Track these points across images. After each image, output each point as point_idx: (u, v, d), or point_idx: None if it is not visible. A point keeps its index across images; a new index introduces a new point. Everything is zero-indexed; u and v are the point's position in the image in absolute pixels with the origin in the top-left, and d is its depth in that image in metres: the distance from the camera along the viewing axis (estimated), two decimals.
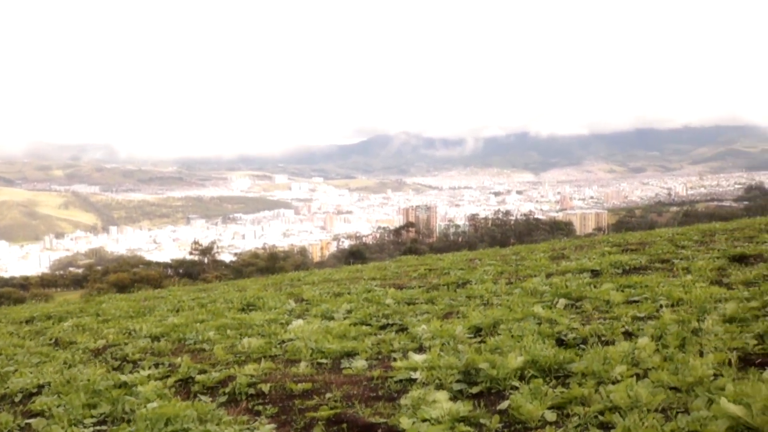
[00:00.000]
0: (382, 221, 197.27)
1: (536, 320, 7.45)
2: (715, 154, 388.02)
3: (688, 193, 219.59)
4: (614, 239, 17.67)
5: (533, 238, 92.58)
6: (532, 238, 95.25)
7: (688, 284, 8.74)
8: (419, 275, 14.40)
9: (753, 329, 5.99)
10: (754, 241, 12.87)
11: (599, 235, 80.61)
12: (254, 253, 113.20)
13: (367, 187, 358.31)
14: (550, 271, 11.76)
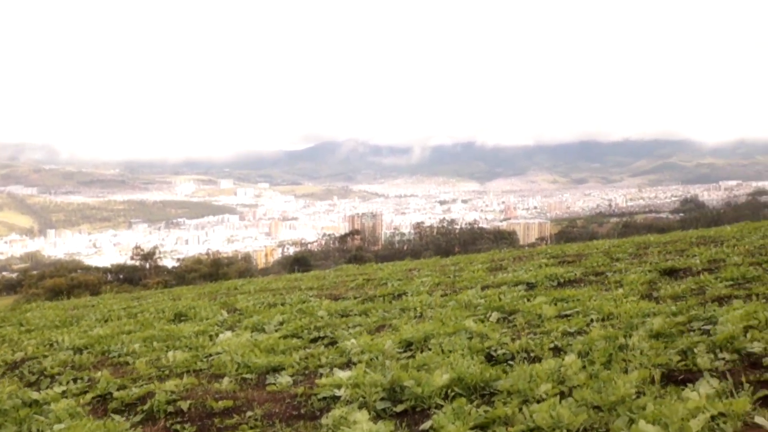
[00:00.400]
0: (328, 228, 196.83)
1: (468, 335, 7.38)
2: (653, 167, 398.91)
3: (628, 204, 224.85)
4: (552, 251, 17.85)
5: (477, 247, 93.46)
6: (476, 247, 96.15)
7: (619, 298, 8.81)
8: (357, 285, 14.26)
9: (678, 345, 6.01)
10: (684, 254, 13.11)
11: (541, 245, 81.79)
12: (197, 259, 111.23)
13: (314, 193, 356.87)
14: (487, 283, 11.75)
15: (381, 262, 40.73)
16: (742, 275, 9.65)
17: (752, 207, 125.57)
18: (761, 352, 5.77)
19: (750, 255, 11.89)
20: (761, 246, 12.98)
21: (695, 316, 7.15)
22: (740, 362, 5.65)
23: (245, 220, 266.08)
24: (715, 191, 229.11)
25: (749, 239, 14.41)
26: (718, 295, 8.51)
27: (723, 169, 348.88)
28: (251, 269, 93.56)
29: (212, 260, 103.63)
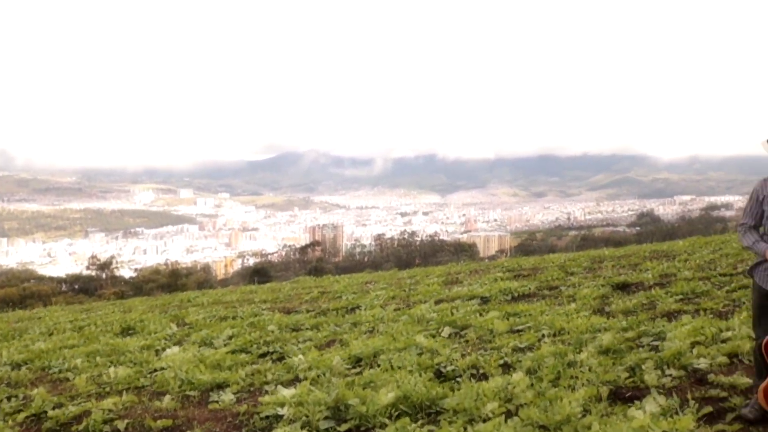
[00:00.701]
0: (289, 239, 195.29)
1: (418, 350, 7.27)
2: (611, 182, 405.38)
3: (586, 218, 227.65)
4: (509, 264, 17.88)
5: (438, 259, 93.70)
6: (436, 259, 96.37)
7: (571, 313, 8.80)
8: (311, 298, 14.08)
9: (626, 361, 5.99)
10: (637, 268, 13.22)
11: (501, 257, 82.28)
12: (156, 269, 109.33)
13: (275, 204, 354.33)
14: (441, 297, 11.68)
15: (341, 273, 40.48)
16: (691, 290, 9.74)
17: (705, 221, 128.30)
18: (707, 368, 5.77)
19: (700, 269, 12.03)
20: (711, 260, 13.16)
21: (645, 331, 7.16)
22: (687, 379, 5.64)
23: (205, 230, 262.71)
24: (670, 206, 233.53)
25: (700, 254, 14.61)
26: (668, 310, 8.55)
27: (678, 185, 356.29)
28: (210, 280, 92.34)
29: (171, 271, 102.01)
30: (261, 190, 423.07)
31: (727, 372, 5.67)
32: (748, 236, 4.78)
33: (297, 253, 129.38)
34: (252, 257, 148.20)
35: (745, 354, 5.99)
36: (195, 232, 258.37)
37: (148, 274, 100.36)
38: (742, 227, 4.85)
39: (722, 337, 6.50)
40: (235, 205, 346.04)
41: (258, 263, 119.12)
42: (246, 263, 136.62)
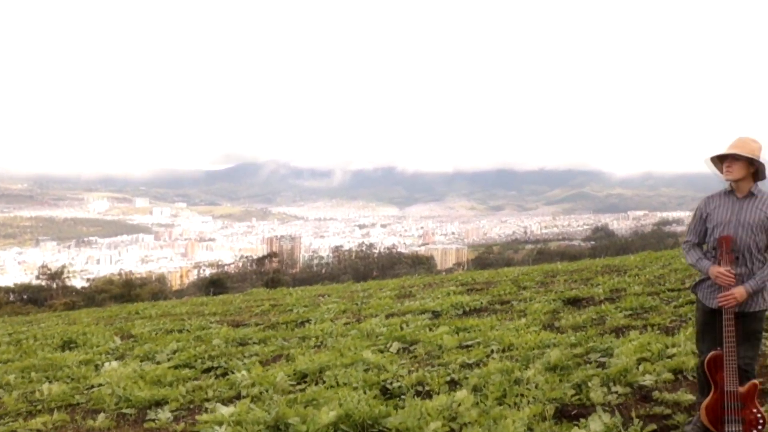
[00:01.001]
0: (246, 250, 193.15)
1: (365, 366, 7.13)
2: (567, 196, 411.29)
3: (543, 231, 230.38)
4: (463, 278, 17.86)
5: (395, 271, 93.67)
6: (394, 271, 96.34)
7: (521, 328, 8.76)
8: (262, 311, 13.82)
9: (573, 378, 5.93)
10: (589, 283, 13.29)
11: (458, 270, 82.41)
12: (109, 279, 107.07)
13: (232, 214, 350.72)
14: (393, 311, 11.55)
15: (298, 285, 40.12)
16: (640, 305, 9.79)
17: (657, 236, 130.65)
18: (652, 385, 5.74)
19: (649, 284, 12.14)
20: (660, 275, 13.30)
21: (593, 347, 7.13)
22: (632, 395, 5.60)
23: (161, 240, 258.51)
24: (623, 221, 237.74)
25: (650, 269, 14.77)
26: (616, 326, 8.56)
27: (631, 200, 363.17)
28: (165, 291, 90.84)
29: (124, 281, 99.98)
30: (219, 201, 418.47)
31: (671, 389, 5.66)
32: (692, 254, 4.76)
33: (254, 265, 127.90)
34: (208, 268, 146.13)
35: (689, 370, 5.99)
36: (150, 242, 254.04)
37: (101, 284, 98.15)
38: (687, 244, 4.84)
39: (668, 353, 6.50)
40: (192, 215, 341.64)
41: (214, 274, 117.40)
42: (202, 274, 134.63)
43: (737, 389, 4.44)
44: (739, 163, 4.53)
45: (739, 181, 4.58)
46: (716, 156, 4.63)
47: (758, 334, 4.63)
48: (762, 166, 4.54)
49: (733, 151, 4.52)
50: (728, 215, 4.59)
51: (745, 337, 4.54)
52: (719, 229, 4.58)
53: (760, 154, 4.55)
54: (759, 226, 4.50)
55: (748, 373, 4.56)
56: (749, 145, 4.53)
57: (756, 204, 4.55)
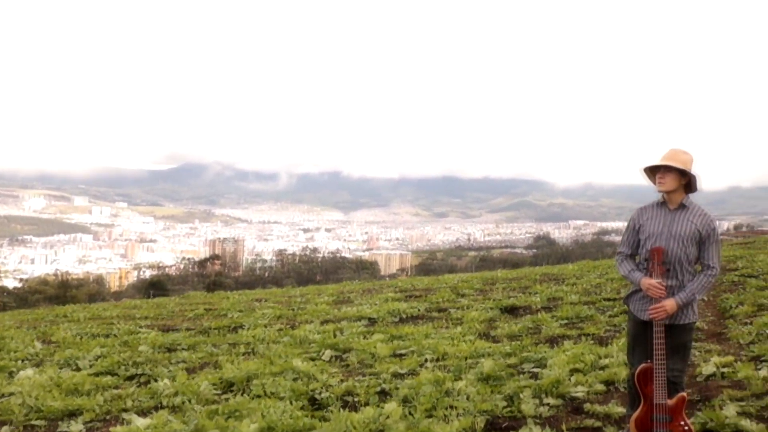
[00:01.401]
0: (188, 252, 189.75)
1: (294, 375, 6.90)
2: (510, 205, 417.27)
3: (486, 239, 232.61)
4: (403, 284, 17.75)
5: (339, 276, 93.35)
6: (338, 276, 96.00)
7: (456, 337, 8.65)
8: (195, 316, 13.41)
9: (506, 389, 5.82)
10: (527, 291, 13.31)
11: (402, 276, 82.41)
12: (43, 280, 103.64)
13: (174, 215, 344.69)
14: (329, 318, 11.33)
15: (241, 288, 39.45)
16: (576, 314, 9.81)
17: (596, 245, 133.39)
18: (584, 397, 5.67)
19: (586, 294, 12.21)
20: (597, 285, 13.41)
21: (527, 357, 7.05)
22: (564, 408, 5.51)
23: (100, 240, 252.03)
24: (565, 230, 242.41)
25: (587, 278, 14.90)
26: (552, 335, 8.53)
27: (572, 209, 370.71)
28: (103, 292, 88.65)
29: (60, 281, 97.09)
30: (161, 201, 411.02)
31: (603, 400, 5.59)
32: (624, 265, 4.69)
33: (196, 267, 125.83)
34: (149, 270, 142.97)
35: (621, 381, 5.94)
36: (89, 242, 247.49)
37: (35, 284, 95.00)
38: (620, 256, 4.77)
39: (601, 364, 6.46)
40: (133, 215, 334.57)
41: (154, 276, 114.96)
42: (142, 276, 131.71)
43: (666, 402, 4.39)
44: (671, 174, 4.48)
45: (671, 192, 4.53)
46: (649, 167, 4.59)
47: (687, 346, 4.58)
48: (694, 177, 4.51)
49: (665, 162, 4.47)
50: (660, 227, 4.53)
51: (674, 350, 4.49)
52: (651, 240, 4.52)
53: (692, 166, 4.52)
54: (690, 239, 4.45)
55: (677, 386, 4.51)
56: (681, 156, 4.49)
57: (687, 216, 4.51)
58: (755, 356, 6.77)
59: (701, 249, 4.51)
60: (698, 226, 4.47)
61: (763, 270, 13.59)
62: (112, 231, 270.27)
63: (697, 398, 5.61)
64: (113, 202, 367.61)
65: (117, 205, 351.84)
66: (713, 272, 4.48)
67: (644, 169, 4.64)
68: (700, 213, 4.52)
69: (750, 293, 10.76)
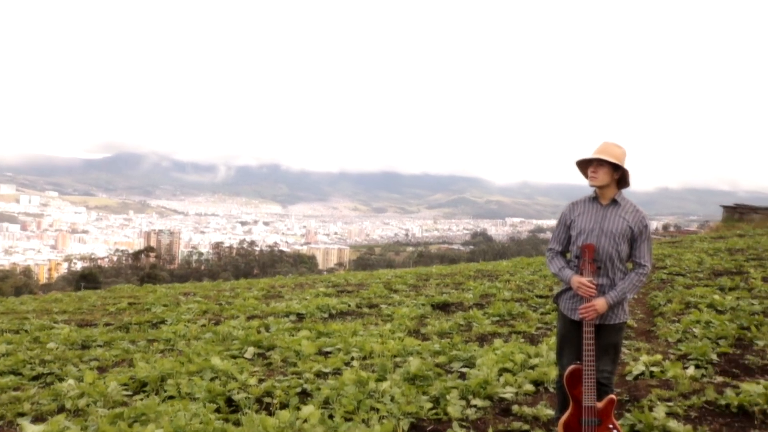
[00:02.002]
0: (122, 244, 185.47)
1: (213, 374, 6.52)
2: (448, 201, 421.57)
3: (424, 234, 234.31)
4: (336, 279, 17.41)
5: (277, 270, 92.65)
6: (275, 269, 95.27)
7: (385, 334, 8.39)
8: (117, 310, 12.80)
9: (432, 390, 5.58)
10: (460, 287, 13.15)
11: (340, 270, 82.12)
12: None
13: (108, 206, 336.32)
14: (256, 313, 10.92)
15: (177, 281, 38.39)
16: (508, 311, 9.67)
17: (532, 242, 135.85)
18: (512, 398, 5.48)
19: (519, 290, 12.12)
20: (530, 282, 13.35)
21: (456, 356, 6.84)
22: (491, 409, 5.31)
23: (28, 230, 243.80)
24: (501, 226, 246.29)
25: (521, 274, 14.85)
26: (482, 333, 8.35)
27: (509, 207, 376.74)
28: (31, 285, 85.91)
29: None
30: (94, 191, 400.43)
31: (532, 402, 5.41)
32: (555, 262, 4.48)
33: (130, 259, 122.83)
34: (80, 261, 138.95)
35: (550, 382, 5.78)
36: (16, 232, 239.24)
37: None
38: (550, 252, 4.56)
39: (530, 363, 6.29)
40: (64, 205, 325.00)
41: (86, 268, 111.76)
42: (73, 267, 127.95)
43: (595, 405, 4.21)
44: (603, 168, 4.29)
45: (603, 187, 4.35)
46: (582, 160, 4.39)
47: (617, 347, 4.40)
48: (626, 172, 4.33)
49: (597, 155, 4.28)
50: (591, 223, 4.34)
51: (604, 351, 4.31)
52: (582, 237, 4.33)
53: (625, 160, 4.34)
54: (621, 235, 4.27)
55: (606, 388, 4.33)
56: (614, 150, 4.30)
57: (619, 212, 4.33)
58: (683, 354, 6.72)
59: (633, 246, 4.33)
60: (630, 223, 4.29)
61: (691, 268, 13.77)
62: (42, 221, 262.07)
63: (627, 398, 5.48)
64: (43, 191, 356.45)
65: (47, 194, 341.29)
66: (644, 270, 4.31)
67: (577, 163, 4.44)
68: (633, 209, 4.34)
69: (678, 291, 10.83)
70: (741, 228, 26.67)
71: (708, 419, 4.95)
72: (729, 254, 16.14)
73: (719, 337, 7.31)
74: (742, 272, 12.76)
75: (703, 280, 12.03)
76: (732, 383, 5.67)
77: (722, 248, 17.63)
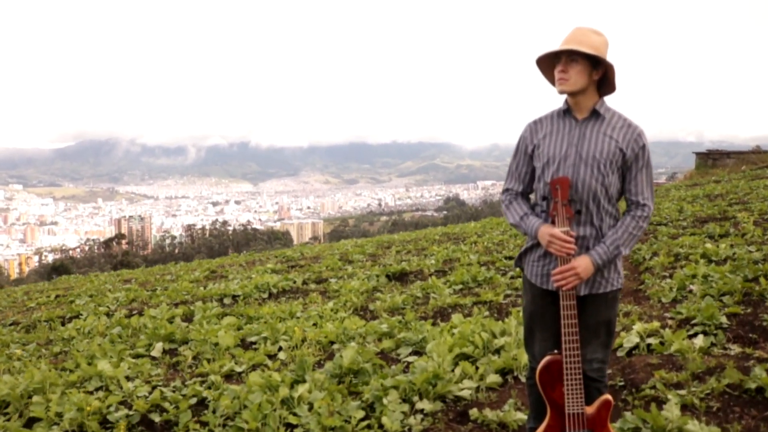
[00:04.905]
0: (93, 233, 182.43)
1: (100, 382, 5.14)
2: (419, 168, 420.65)
3: (397, 203, 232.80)
4: (292, 253, 15.99)
5: (251, 248, 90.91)
6: (250, 248, 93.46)
7: (326, 314, 7.03)
8: (38, 305, 11.30)
9: (367, 391, 4.23)
10: (422, 254, 11.83)
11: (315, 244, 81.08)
12: None
13: (75, 195, 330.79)
14: (186, 298, 9.49)
15: (150, 266, 36.82)
16: (473, 277, 8.34)
17: None
18: (471, 398, 4.13)
19: (487, 253, 10.82)
20: (499, 242, 12.06)
21: (405, 339, 5.50)
22: (443, 416, 3.97)
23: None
24: (473, 190, 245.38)
25: (490, 235, 13.58)
26: (441, 306, 7.02)
27: (480, 170, 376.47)
28: (1, 281, 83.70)
29: None
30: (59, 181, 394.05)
31: (497, 401, 4.08)
32: (513, 208, 3.06)
33: (102, 247, 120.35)
34: (51, 254, 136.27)
35: (521, 370, 4.46)
36: None
37: None
38: (507, 195, 3.14)
39: (495, 345, 4.93)
40: (30, 197, 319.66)
41: (57, 260, 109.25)
42: (45, 260, 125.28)
43: (583, 409, 2.87)
44: (577, 66, 2.84)
45: (577, 94, 2.89)
46: (546, 56, 2.95)
47: (611, 325, 2.99)
48: (611, 69, 2.89)
49: (567, 46, 2.86)
50: (564, 147, 2.91)
51: (592, 332, 2.94)
52: (552, 168, 2.91)
53: (607, 51, 2.92)
54: (608, 162, 2.84)
55: (598, 383, 2.99)
56: (590, 38, 2.83)
57: (603, 128, 2.89)
58: (684, 319, 5.41)
59: (626, 178, 2.89)
60: (621, 143, 2.85)
61: (672, 217, 12.57)
62: (8, 215, 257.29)
63: (620, 382, 4.19)
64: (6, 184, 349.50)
65: (11, 188, 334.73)
66: (645, 212, 2.89)
67: (538, 62, 2.99)
68: (623, 123, 2.87)
69: (663, 242, 9.59)
70: (715, 174, 25.71)
71: (735, 411, 3.60)
72: (709, 200, 14.97)
73: (722, 294, 6.00)
74: (728, 217, 11.56)
75: (688, 229, 10.79)
76: (755, 355, 4.38)
77: (700, 195, 16.49)
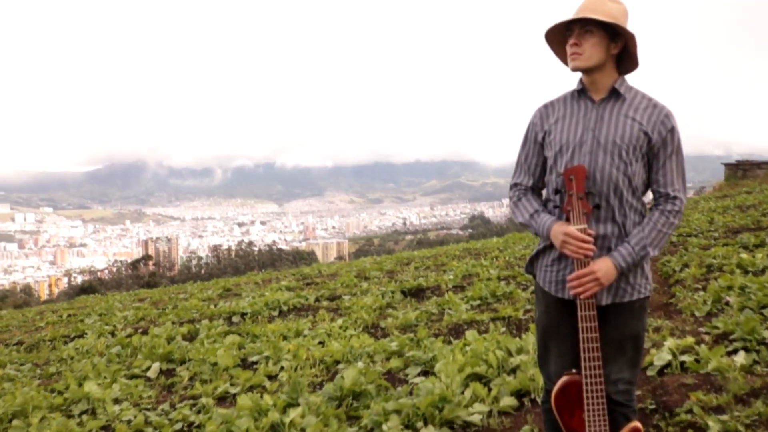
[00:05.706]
0: (121, 254, 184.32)
1: (88, 405, 4.79)
2: (443, 187, 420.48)
3: (422, 222, 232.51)
4: (309, 271, 15.64)
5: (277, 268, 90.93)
6: (275, 268, 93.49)
7: (334, 332, 6.64)
8: (47, 324, 11.03)
9: (366, 416, 3.82)
10: (441, 269, 11.41)
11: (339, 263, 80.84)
12: None
13: (104, 218, 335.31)
14: (194, 316, 9.15)
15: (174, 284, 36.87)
16: (492, 292, 7.90)
17: None
18: (481, 424, 3.69)
19: (508, 267, 10.36)
20: (521, 257, 11.59)
21: (414, 358, 5.08)
22: None
23: (25, 248, 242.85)
24: (498, 208, 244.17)
25: (512, 249, 13.11)
26: (456, 323, 6.58)
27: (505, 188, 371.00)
28: (32, 302, 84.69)
29: None
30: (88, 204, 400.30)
31: (510, 428, 3.65)
32: (523, 205, 2.65)
33: (129, 269, 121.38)
34: (80, 275, 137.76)
35: (539, 391, 4.02)
36: (14, 251, 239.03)
37: None
38: (515, 191, 2.74)
39: (511, 364, 4.49)
40: (60, 220, 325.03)
41: (86, 281, 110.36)
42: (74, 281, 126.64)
43: None
44: (592, 38, 2.43)
45: (593, 71, 2.48)
46: (555, 28, 2.56)
47: (638, 340, 2.55)
48: (632, 39, 2.47)
49: (581, 14, 2.46)
50: (579, 132, 2.49)
51: (617, 348, 2.51)
52: (566, 156, 2.49)
53: (627, 21, 2.51)
54: (631, 148, 2.41)
55: (625, 408, 2.55)
56: (606, 5, 2.40)
57: (624, 110, 2.46)
58: (721, 334, 4.92)
59: (653, 166, 2.46)
60: (645, 126, 2.42)
61: (702, 228, 12.01)
62: (39, 238, 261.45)
63: (651, 406, 3.73)
64: (37, 207, 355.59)
65: (42, 211, 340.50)
66: (676, 206, 2.45)
67: (547, 35, 2.59)
68: (648, 104, 2.45)
69: (694, 253, 9.07)
70: (746, 185, 24.95)
71: None
72: (741, 211, 14.36)
73: (762, 306, 5.50)
74: (763, 227, 10.99)
75: (720, 239, 10.25)
76: None
77: (731, 206, 15.85)
